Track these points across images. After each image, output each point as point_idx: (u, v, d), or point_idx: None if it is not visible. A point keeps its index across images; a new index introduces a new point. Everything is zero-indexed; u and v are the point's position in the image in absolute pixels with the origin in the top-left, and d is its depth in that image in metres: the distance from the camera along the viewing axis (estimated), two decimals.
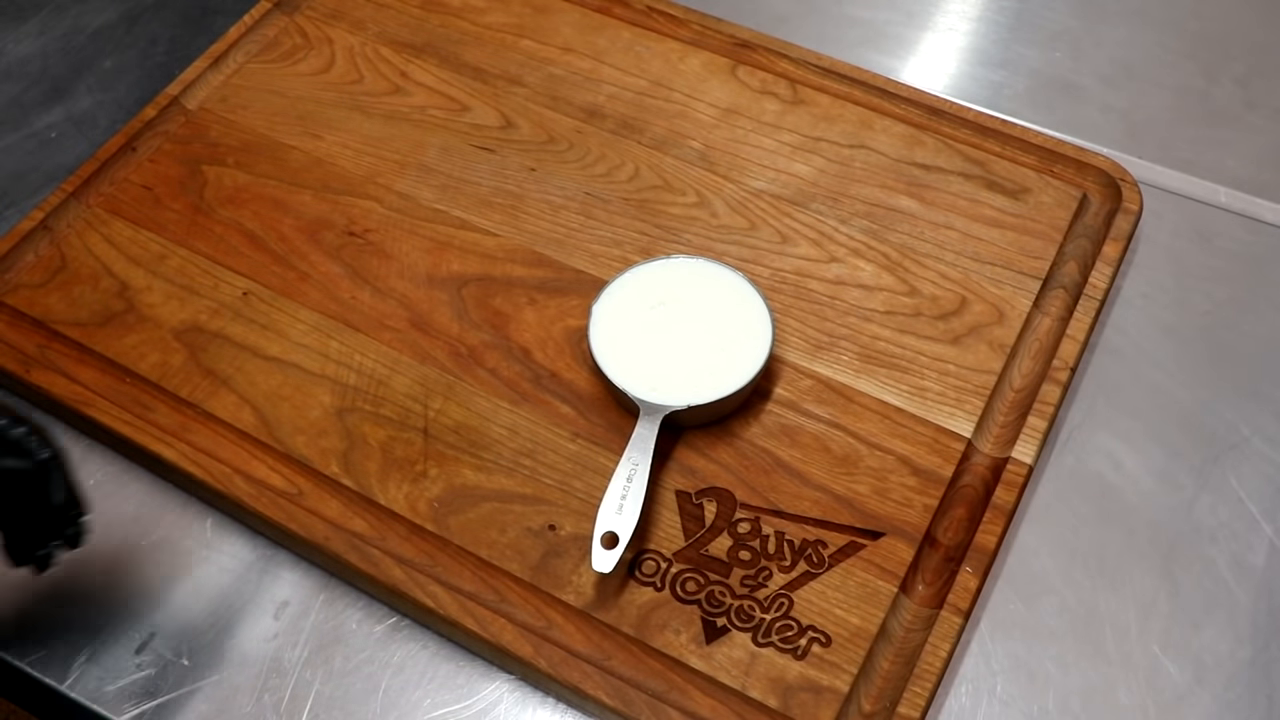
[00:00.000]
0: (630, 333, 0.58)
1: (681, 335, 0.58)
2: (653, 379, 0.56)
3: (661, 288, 0.60)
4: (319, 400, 0.59)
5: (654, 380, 0.56)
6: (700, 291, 0.60)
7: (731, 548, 0.55)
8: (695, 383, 0.56)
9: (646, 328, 0.58)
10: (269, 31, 0.76)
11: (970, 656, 0.54)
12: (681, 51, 0.74)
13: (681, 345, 0.58)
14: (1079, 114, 0.75)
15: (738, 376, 0.56)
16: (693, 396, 0.56)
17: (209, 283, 0.64)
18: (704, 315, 0.59)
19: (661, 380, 0.56)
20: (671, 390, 0.56)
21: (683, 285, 0.60)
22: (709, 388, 0.56)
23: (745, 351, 0.57)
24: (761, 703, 0.51)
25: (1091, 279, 0.64)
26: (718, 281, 0.60)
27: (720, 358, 0.57)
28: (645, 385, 0.56)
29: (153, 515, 0.58)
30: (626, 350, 0.58)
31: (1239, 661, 0.54)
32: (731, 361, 0.57)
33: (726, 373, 0.57)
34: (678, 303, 0.59)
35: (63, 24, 0.81)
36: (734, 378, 0.56)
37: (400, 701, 0.53)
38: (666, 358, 0.57)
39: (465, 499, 0.56)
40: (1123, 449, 0.61)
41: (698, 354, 0.57)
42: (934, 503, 0.56)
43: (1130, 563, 0.57)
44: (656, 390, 0.56)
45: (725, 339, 0.58)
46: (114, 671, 0.54)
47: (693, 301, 0.59)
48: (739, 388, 0.56)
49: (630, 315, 0.59)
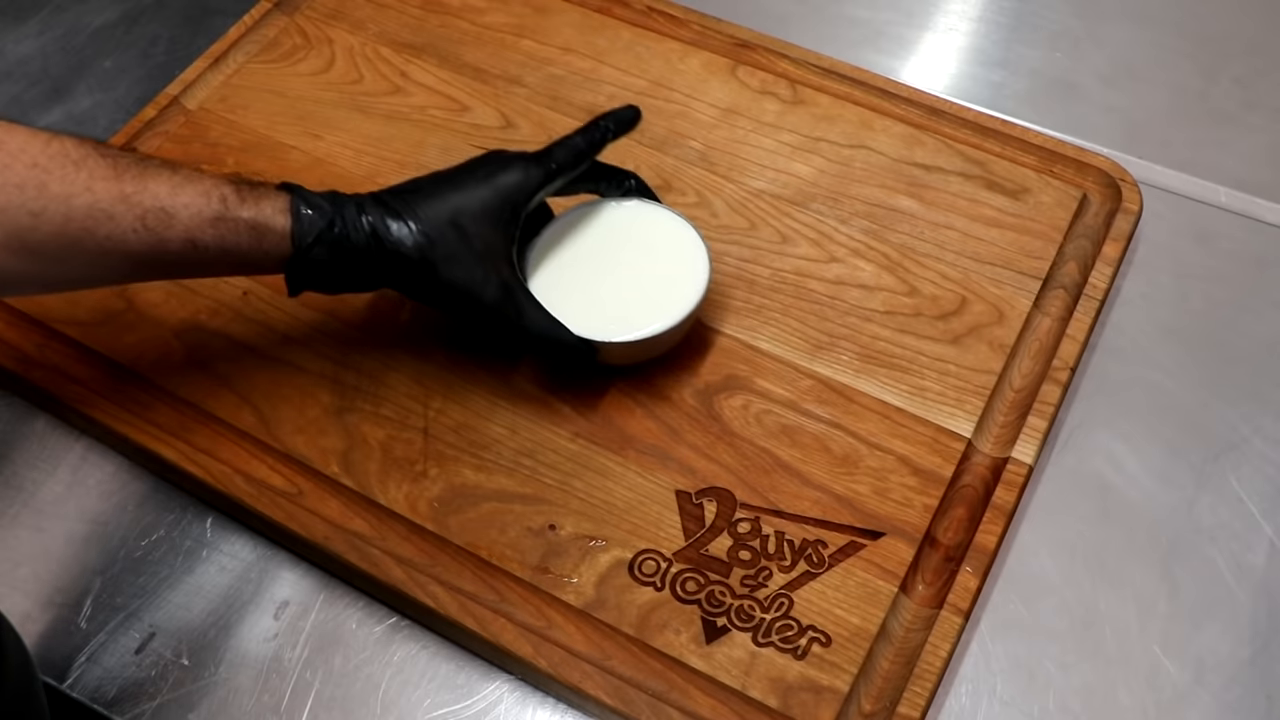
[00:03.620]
0: (565, 269, 0.58)
1: (617, 274, 0.58)
2: (585, 315, 0.56)
3: (603, 227, 0.60)
4: (319, 400, 0.59)
5: (587, 316, 0.56)
6: (641, 233, 0.59)
7: (731, 548, 0.55)
8: (627, 320, 0.56)
9: (582, 265, 0.58)
10: (269, 31, 0.76)
11: (970, 656, 0.54)
12: (681, 51, 0.74)
13: (616, 283, 0.58)
14: (1079, 114, 0.75)
15: (669, 316, 0.56)
16: (623, 333, 0.56)
17: (209, 282, 0.64)
18: (642, 256, 0.59)
19: (594, 316, 0.56)
20: (603, 326, 0.56)
21: (625, 226, 0.60)
22: (640, 325, 0.56)
23: (680, 292, 0.57)
24: (761, 703, 0.51)
25: (1091, 279, 0.64)
26: (660, 225, 0.60)
27: (655, 297, 0.57)
28: (578, 321, 0.56)
29: (153, 515, 0.58)
30: (560, 286, 0.57)
31: (1239, 661, 0.54)
32: (666, 301, 0.57)
33: (659, 312, 0.56)
34: (618, 243, 0.59)
35: (63, 24, 0.81)
36: (666, 317, 0.56)
37: (400, 701, 0.53)
38: (600, 295, 0.57)
39: (465, 499, 0.56)
40: (1123, 449, 0.61)
41: (632, 292, 0.57)
42: (934, 503, 0.56)
43: (1130, 563, 0.57)
44: (588, 326, 0.56)
45: (661, 279, 0.58)
46: (114, 671, 0.54)
47: (632, 242, 0.59)
48: (670, 327, 0.56)
49: (567, 253, 0.59)
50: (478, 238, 0.53)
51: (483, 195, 0.54)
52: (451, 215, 0.53)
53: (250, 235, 0.50)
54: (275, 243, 0.51)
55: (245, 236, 0.50)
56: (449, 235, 0.53)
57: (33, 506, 0.59)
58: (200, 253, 0.49)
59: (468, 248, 0.53)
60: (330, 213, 0.51)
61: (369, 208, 0.52)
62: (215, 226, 0.49)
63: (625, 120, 0.58)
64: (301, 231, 0.51)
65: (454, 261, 0.53)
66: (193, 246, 0.49)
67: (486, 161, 0.55)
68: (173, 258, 0.49)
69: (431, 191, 0.54)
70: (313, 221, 0.51)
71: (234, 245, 0.50)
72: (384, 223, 0.52)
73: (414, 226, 0.52)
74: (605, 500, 0.56)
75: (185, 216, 0.48)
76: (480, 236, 0.53)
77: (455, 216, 0.53)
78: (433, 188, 0.54)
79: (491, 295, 0.54)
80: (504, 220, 0.54)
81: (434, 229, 0.52)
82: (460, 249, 0.53)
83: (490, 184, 0.54)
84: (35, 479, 0.60)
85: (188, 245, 0.48)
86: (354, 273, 0.53)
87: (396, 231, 0.52)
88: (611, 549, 0.55)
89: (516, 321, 0.54)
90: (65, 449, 0.61)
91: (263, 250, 0.50)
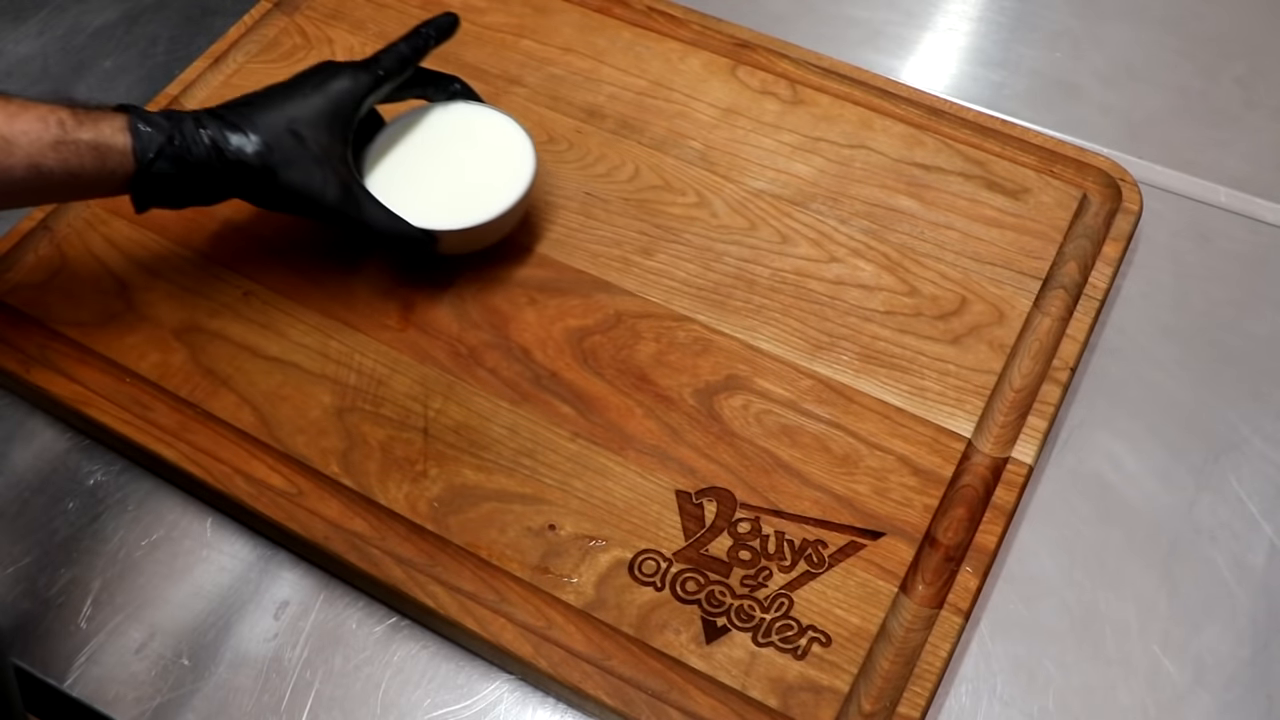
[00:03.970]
0: (400, 168, 0.62)
1: (449, 169, 0.62)
2: (422, 208, 0.59)
3: (433, 128, 0.63)
4: (319, 400, 0.59)
5: (424, 209, 0.59)
6: (469, 131, 0.63)
7: (731, 547, 0.55)
8: (461, 210, 0.60)
9: (416, 164, 0.62)
10: (269, 31, 0.76)
11: (970, 656, 0.54)
12: (681, 51, 0.74)
13: (449, 178, 0.62)
14: (1079, 114, 0.75)
15: (500, 204, 0.60)
16: (459, 221, 0.59)
17: (209, 283, 0.64)
18: (471, 151, 0.63)
19: (430, 209, 0.60)
20: (440, 216, 0.59)
21: (453, 126, 0.64)
22: (474, 213, 0.60)
23: (508, 182, 0.61)
24: (761, 703, 0.51)
25: (1091, 279, 0.64)
26: (486, 123, 0.64)
27: (486, 187, 0.61)
28: (416, 213, 0.59)
29: (153, 515, 0.58)
30: (397, 183, 0.61)
31: (1239, 661, 0.54)
32: (496, 191, 0.61)
33: (490, 200, 0.60)
34: (448, 141, 0.63)
35: (63, 24, 0.81)
36: (497, 205, 0.60)
37: (400, 701, 0.53)
38: (434, 189, 0.61)
39: (465, 499, 0.56)
40: (1123, 449, 0.61)
41: (464, 185, 0.61)
42: (934, 503, 0.56)
43: (1130, 563, 0.57)
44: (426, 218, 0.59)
45: (490, 171, 0.62)
46: (114, 671, 0.54)
47: (461, 140, 0.63)
48: (501, 213, 0.60)
49: (401, 153, 0.62)
50: (314, 143, 0.56)
51: (316, 103, 0.56)
52: (288, 123, 0.56)
53: (93, 156, 0.52)
54: (119, 161, 0.52)
55: (88, 158, 0.51)
56: (286, 142, 0.55)
57: (32, 506, 0.59)
58: (46, 177, 0.51)
59: (306, 153, 0.56)
60: (169, 128, 0.53)
61: (207, 121, 0.55)
62: (57, 150, 0.50)
63: (444, 27, 0.62)
64: (142, 147, 0.52)
65: (293, 166, 0.55)
66: (37, 172, 0.50)
67: (318, 71, 0.58)
68: (19, 185, 0.50)
69: (266, 103, 0.56)
70: (152, 137, 0.53)
71: (78, 167, 0.51)
72: (223, 134, 0.54)
73: (253, 136, 0.55)
74: (605, 500, 0.56)
75: (25, 143, 0.50)
76: (317, 141, 0.56)
77: (291, 124, 0.56)
78: (267, 99, 0.57)
79: (332, 195, 0.57)
80: (338, 125, 0.57)
81: (272, 137, 0.55)
82: (298, 154, 0.56)
83: (322, 91, 0.57)
84: (35, 479, 0.60)
85: (32, 171, 0.50)
86: (198, 185, 0.55)
87: (236, 141, 0.55)
88: (611, 549, 0.55)
89: (358, 218, 0.57)
90: (65, 449, 0.61)
91: (108, 170, 0.52)
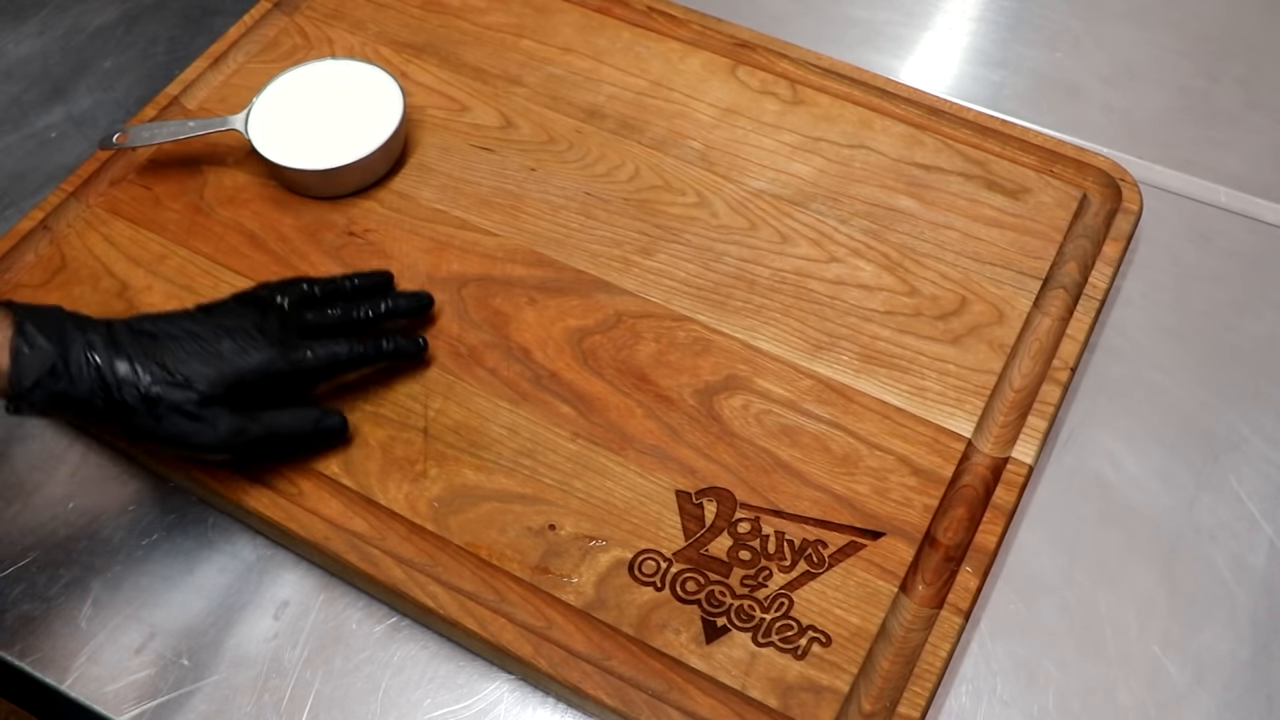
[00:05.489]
0: (282, 119, 0.68)
1: (322, 118, 0.68)
2: (306, 154, 0.66)
3: (313, 83, 0.69)
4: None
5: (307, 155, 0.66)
6: (345, 84, 0.69)
7: (731, 547, 0.55)
8: (339, 151, 0.66)
9: (296, 114, 0.68)
10: (269, 31, 0.76)
11: (970, 656, 0.54)
12: (681, 51, 0.74)
13: (321, 125, 0.67)
14: (1079, 114, 0.75)
15: (372, 143, 0.66)
16: (339, 160, 0.65)
17: (209, 283, 0.64)
18: (343, 102, 0.68)
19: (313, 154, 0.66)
20: (321, 158, 0.65)
21: (332, 80, 0.69)
22: (341, 155, 0.66)
23: (377, 126, 0.67)
24: (761, 703, 0.51)
25: (1091, 279, 0.64)
26: (361, 77, 0.69)
27: (354, 132, 0.66)
28: (292, 156, 0.65)
29: (153, 515, 0.58)
30: (279, 132, 0.67)
31: (1239, 661, 0.54)
32: (370, 133, 0.66)
33: (358, 143, 0.66)
34: (324, 93, 0.69)
35: (63, 24, 0.81)
36: (369, 145, 0.66)
37: (400, 701, 0.53)
38: (314, 137, 0.67)
39: (465, 499, 0.56)
40: (1123, 449, 0.61)
41: (340, 130, 0.67)
42: (934, 503, 0.56)
43: (1130, 563, 0.57)
44: (300, 158, 0.65)
45: (358, 117, 0.67)
46: (114, 671, 0.54)
47: (337, 92, 0.69)
48: (372, 151, 0.66)
49: (284, 107, 0.68)
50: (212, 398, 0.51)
51: (223, 369, 0.52)
52: (188, 377, 0.51)
53: None
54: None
55: None
56: (176, 396, 0.50)
57: (33, 506, 0.59)
58: None
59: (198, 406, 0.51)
60: (53, 355, 0.48)
61: (99, 347, 0.49)
62: None
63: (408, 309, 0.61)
64: (18, 374, 0.48)
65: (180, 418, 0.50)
66: None
67: (240, 332, 0.53)
68: None
69: (176, 345, 0.51)
70: (30, 364, 0.48)
71: None
72: (111, 365, 0.49)
73: (144, 378, 0.50)
74: (605, 500, 0.56)
75: None
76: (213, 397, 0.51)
77: (193, 380, 0.51)
78: (179, 341, 0.52)
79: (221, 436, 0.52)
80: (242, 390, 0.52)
81: (165, 388, 0.50)
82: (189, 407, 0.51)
83: (233, 362, 0.52)
84: (35, 479, 0.60)
85: None
86: (78, 415, 0.50)
87: (123, 373, 0.49)
88: (611, 549, 0.55)
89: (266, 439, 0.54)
90: (65, 449, 0.61)
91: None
